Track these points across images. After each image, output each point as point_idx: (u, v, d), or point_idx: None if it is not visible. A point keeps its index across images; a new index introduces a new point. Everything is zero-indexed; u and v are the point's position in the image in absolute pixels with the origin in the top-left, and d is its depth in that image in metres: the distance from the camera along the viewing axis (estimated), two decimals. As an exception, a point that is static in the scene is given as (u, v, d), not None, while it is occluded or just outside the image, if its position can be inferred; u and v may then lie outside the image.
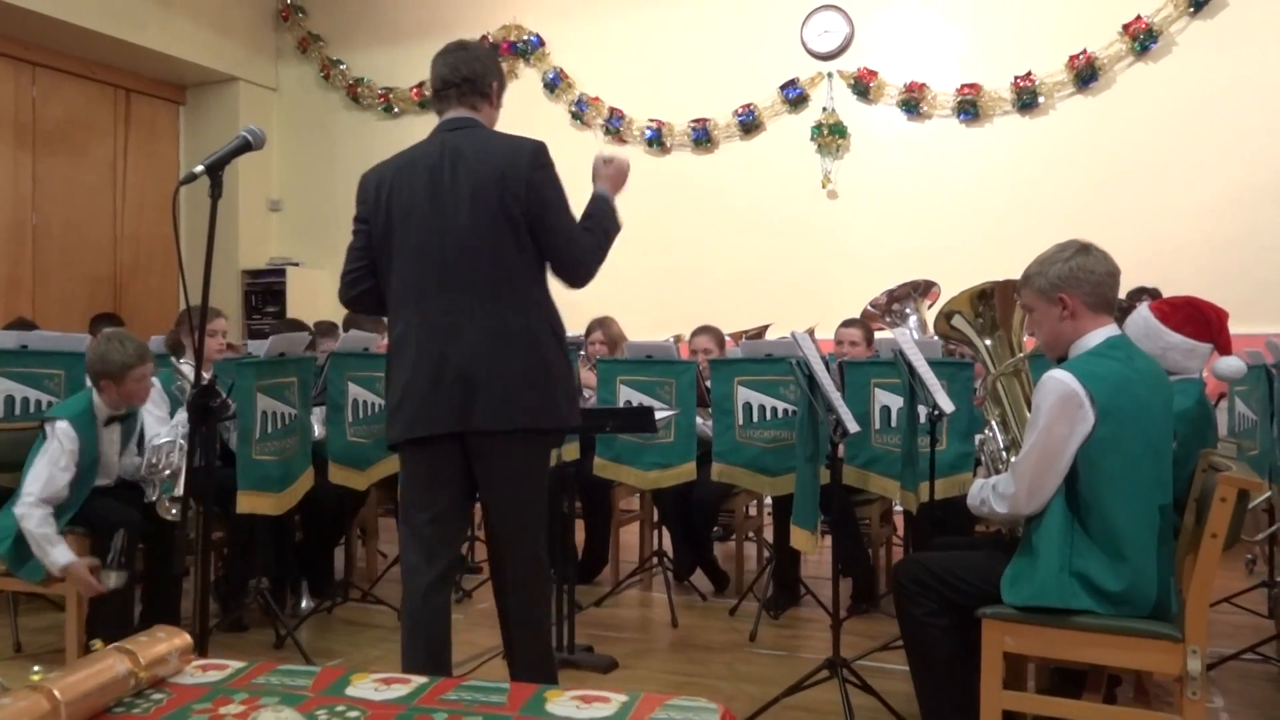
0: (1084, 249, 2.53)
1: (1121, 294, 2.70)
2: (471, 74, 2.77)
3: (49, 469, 3.57)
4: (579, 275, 2.73)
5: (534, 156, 2.65)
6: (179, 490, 3.64)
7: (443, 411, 2.60)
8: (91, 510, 3.69)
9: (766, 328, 6.50)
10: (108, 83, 8.54)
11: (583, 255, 2.71)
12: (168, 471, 3.80)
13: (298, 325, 5.16)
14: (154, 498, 3.79)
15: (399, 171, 2.73)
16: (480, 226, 2.61)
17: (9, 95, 7.79)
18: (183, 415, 4.01)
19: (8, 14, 7.20)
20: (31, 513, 3.49)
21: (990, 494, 2.56)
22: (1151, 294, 5.38)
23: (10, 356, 4.18)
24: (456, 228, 2.62)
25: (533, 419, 2.64)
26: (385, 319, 2.86)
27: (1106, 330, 2.51)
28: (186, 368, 4.33)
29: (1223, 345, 3.07)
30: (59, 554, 3.48)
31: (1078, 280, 2.49)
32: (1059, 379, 2.40)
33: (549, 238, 2.66)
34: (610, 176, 2.84)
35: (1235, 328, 3.19)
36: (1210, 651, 2.76)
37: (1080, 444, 2.38)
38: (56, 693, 1.37)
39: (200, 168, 2.49)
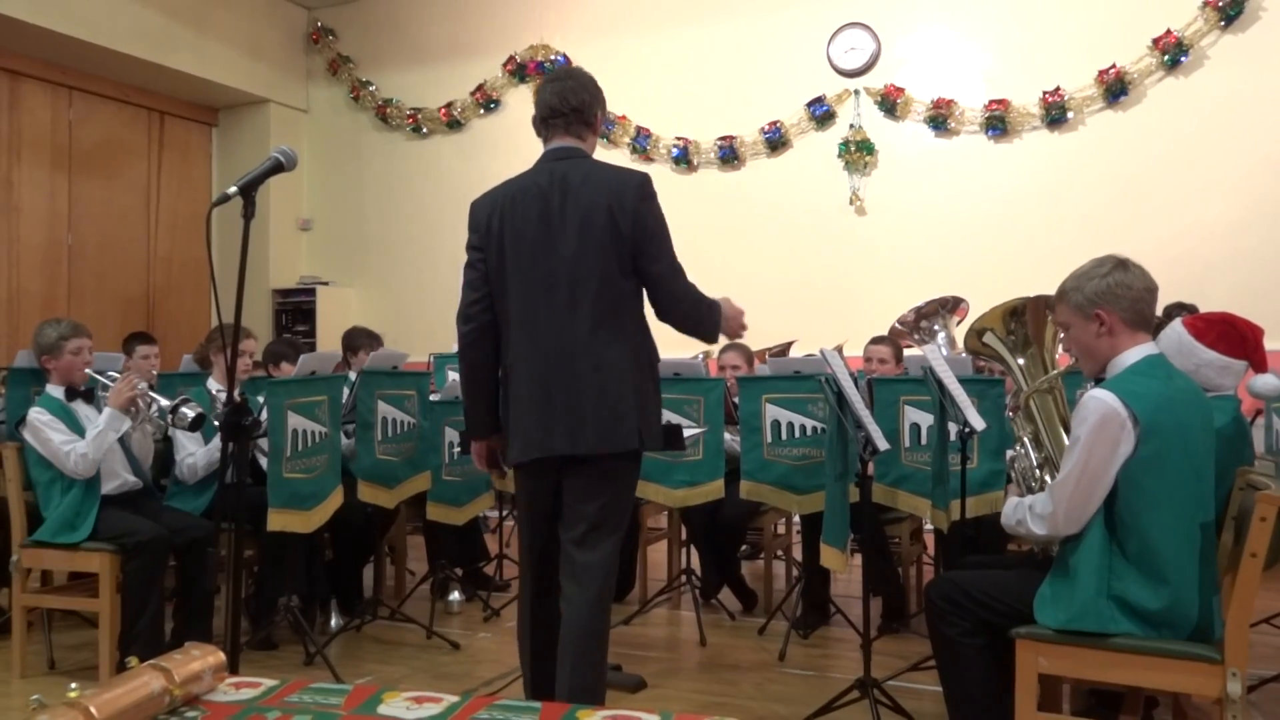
0: (1121, 264, 2.50)
1: (1158, 310, 2.67)
2: (580, 104, 2.83)
3: (56, 439, 3.74)
4: (673, 305, 2.82)
5: (640, 188, 2.76)
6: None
7: (551, 436, 2.72)
8: (117, 526, 3.74)
9: (790, 344, 6.48)
10: (142, 105, 8.67)
11: (681, 292, 2.81)
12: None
13: (291, 345, 5.23)
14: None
15: (510, 200, 2.80)
16: (588, 255, 2.71)
17: (46, 118, 7.92)
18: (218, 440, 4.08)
19: (45, 39, 7.33)
20: (79, 451, 3.70)
21: (1027, 514, 2.53)
22: (1189, 310, 5.30)
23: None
24: (565, 256, 2.72)
25: (630, 442, 2.74)
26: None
27: (1145, 348, 2.48)
28: (213, 384, 4.41)
29: (1258, 362, 3.02)
30: (103, 420, 3.75)
31: (1115, 296, 2.46)
32: (1101, 399, 2.36)
33: (650, 264, 2.76)
34: (729, 318, 2.92)
35: (1271, 344, 3.14)
36: (1250, 673, 2.71)
37: (1122, 464, 2.35)
38: (93, 709, 1.38)
39: (234, 188, 2.50)
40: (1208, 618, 2.36)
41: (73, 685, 1.42)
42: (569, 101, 2.82)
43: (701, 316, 2.86)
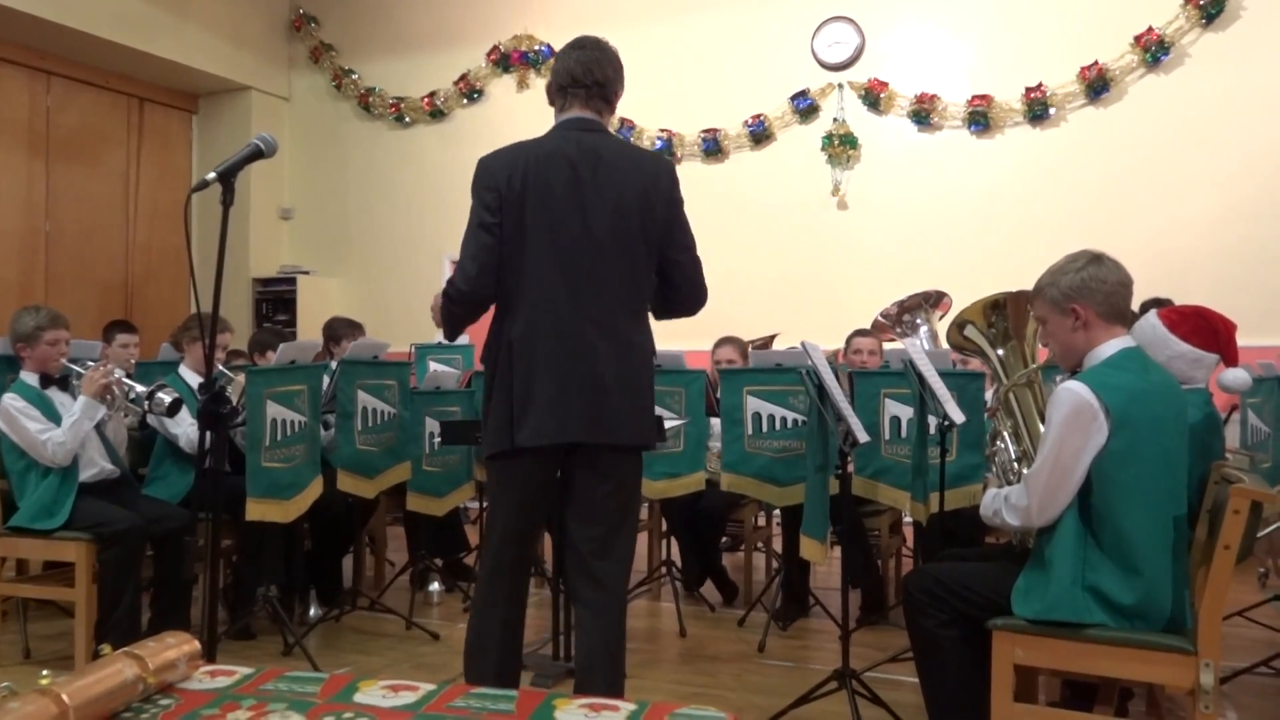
0: (1096, 259, 2.52)
1: (1135, 305, 2.69)
2: (603, 78, 2.73)
3: (32, 427, 3.70)
4: (700, 299, 2.76)
5: (672, 173, 2.73)
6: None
7: (570, 421, 2.54)
8: (93, 515, 3.71)
9: (773, 337, 6.49)
10: (121, 92, 8.59)
11: (700, 281, 2.73)
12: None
13: (277, 334, 5.23)
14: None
15: (534, 163, 2.59)
16: (619, 237, 2.58)
17: (24, 104, 7.84)
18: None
19: (23, 24, 7.25)
20: (56, 439, 3.68)
21: (1003, 505, 2.55)
22: (1165, 305, 5.34)
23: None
24: (595, 232, 2.57)
25: (648, 436, 2.68)
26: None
27: (1121, 341, 2.50)
28: (185, 372, 4.39)
29: (1230, 357, 3.04)
30: (79, 408, 3.72)
31: (1090, 290, 2.48)
32: (1073, 390, 2.38)
33: (678, 251, 2.68)
34: None
35: (1246, 339, 3.17)
36: (1223, 665, 2.73)
37: (1094, 456, 2.36)
38: (65, 697, 1.37)
39: (212, 174, 2.47)
40: (1180, 610, 2.38)
41: (44, 672, 1.41)
42: (593, 74, 2.70)
43: (701, 302, 2.78)
